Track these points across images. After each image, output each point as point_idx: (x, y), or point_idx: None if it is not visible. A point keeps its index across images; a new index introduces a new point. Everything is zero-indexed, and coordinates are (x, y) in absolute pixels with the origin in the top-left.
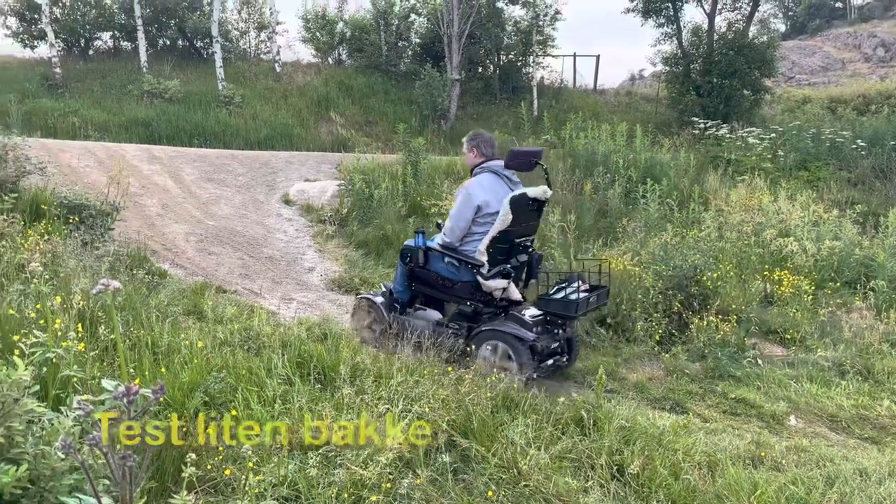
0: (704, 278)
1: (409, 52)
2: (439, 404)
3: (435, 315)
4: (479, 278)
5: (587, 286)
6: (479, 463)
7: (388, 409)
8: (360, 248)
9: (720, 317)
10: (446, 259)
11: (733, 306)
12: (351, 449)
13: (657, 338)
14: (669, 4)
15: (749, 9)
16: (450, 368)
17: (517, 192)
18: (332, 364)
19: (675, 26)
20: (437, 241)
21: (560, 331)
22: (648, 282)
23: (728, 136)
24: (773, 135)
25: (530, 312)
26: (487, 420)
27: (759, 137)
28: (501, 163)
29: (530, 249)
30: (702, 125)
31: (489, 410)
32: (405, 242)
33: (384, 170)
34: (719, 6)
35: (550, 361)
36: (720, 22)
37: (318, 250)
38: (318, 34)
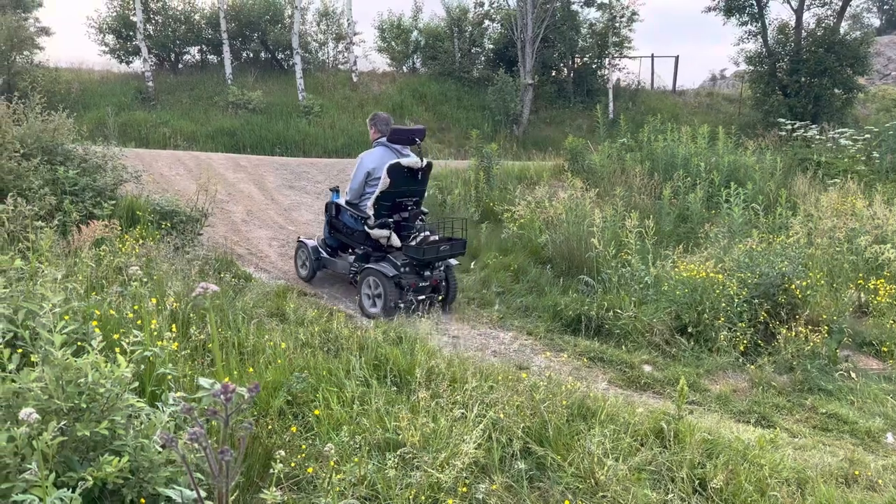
0: (793, 286)
1: (482, 58)
2: (514, 411)
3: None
4: (366, 228)
5: (436, 237)
6: (555, 471)
7: (464, 413)
8: None
9: (810, 327)
10: (349, 213)
11: (824, 316)
12: (427, 452)
13: (742, 348)
14: (754, 2)
15: (840, 4)
16: (524, 374)
17: (393, 160)
18: (408, 367)
19: (759, 24)
20: (343, 199)
21: (429, 272)
22: (732, 290)
23: (818, 137)
24: (868, 136)
25: (403, 257)
26: (563, 428)
27: (852, 138)
28: None
29: (410, 207)
30: (789, 126)
31: (565, 419)
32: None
33: (457, 175)
34: (807, 2)
35: (422, 297)
36: (808, 18)
37: None
38: (393, 43)
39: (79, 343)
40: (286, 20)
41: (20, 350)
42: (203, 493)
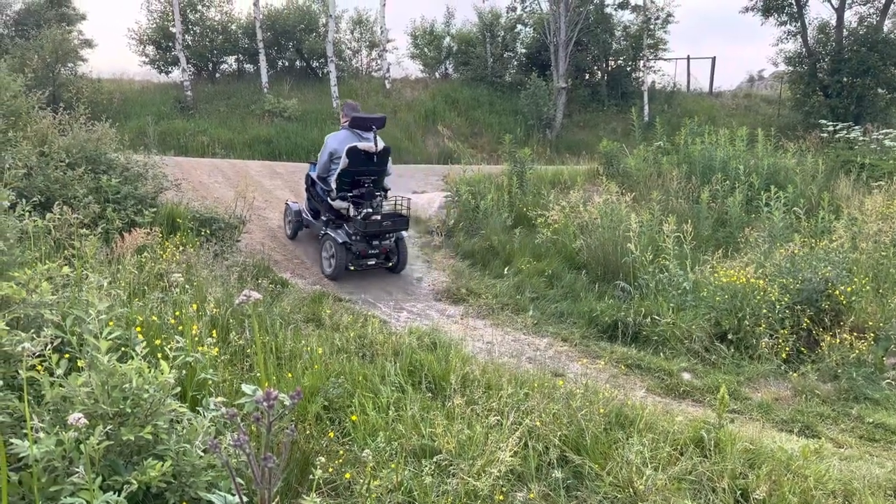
0: (837, 292)
1: (515, 63)
2: (550, 418)
3: None
4: (329, 199)
5: (379, 215)
6: (593, 480)
7: (499, 420)
8: (466, 259)
9: (855, 334)
10: (319, 186)
11: (870, 323)
12: (463, 459)
13: (784, 355)
14: (793, 1)
15: (883, 1)
16: (560, 382)
17: (351, 143)
18: (443, 373)
19: (798, 24)
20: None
21: (377, 241)
22: (774, 296)
23: (861, 138)
24: None
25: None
26: (601, 437)
27: None
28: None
29: (367, 185)
30: (831, 127)
31: (602, 427)
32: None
33: (490, 181)
34: (849, 0)
35: (372, 262)
36: (850, 17)
37: (425, 261)
38: (425, 50)
39: (123, 348)
40: (320, 29)
41: (67, 355)
42: (245, 499)
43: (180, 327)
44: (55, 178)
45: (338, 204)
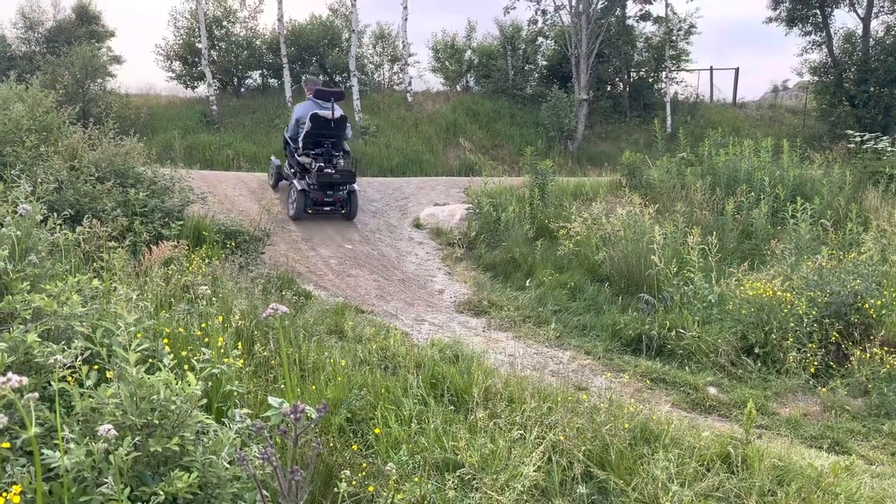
0: (866, 306)
1: (536, 75)
2: (574, 433)
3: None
4: (296, 155)
5: (332, 169)
6: (618, 496)
7: (522, 434)
8: (487, 271)
9: (886, 348)
10: (290, 145)
11: None
12: (486, 473)
13: (812, 370)
14: (817, 11)
15: None
16: (584, 396)
17: (313, 111)
18: (465, 386)
19: (823, 33)
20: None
21: (331, 192)
22: (801, 309)
23: (889, 149)
24: None
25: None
26: (626, 452)
27: None
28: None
29: (326, 145)
30: (858, 138)
31: (627, 442)
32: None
33: (511, 193)
34: (875, 9)
35: (328, 208)
36: (877, 26)
37: (447, 273)
38: (446, 63)
39: (150, 360)
40: (343, 43)
41: (97, 367)
42: None
43: (206, 339)
44: (85, 192)
45: (302, 159)
